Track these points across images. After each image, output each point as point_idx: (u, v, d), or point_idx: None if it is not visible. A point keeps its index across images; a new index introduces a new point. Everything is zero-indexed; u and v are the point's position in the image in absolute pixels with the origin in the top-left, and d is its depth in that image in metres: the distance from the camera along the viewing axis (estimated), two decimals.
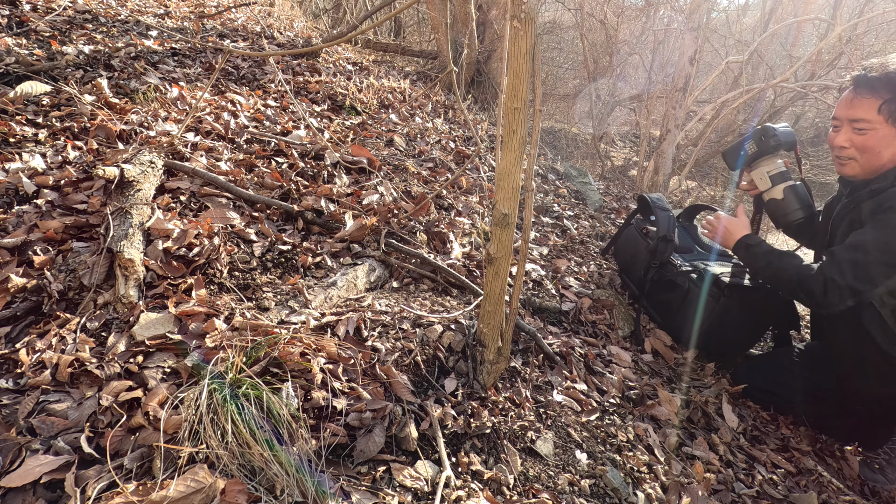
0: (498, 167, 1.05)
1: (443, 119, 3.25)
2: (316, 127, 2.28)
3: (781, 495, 1.32)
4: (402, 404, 1.12)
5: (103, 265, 1.22)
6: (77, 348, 1.05)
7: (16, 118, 1.61)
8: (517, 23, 0.88)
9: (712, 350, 1.84)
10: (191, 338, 1.12)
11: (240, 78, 2.55)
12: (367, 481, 0.96)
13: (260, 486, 0.89)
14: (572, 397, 1.40)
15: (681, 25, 4.82)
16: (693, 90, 4.57)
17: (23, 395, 0.95)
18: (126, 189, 1.40)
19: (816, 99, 5.38)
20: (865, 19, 5.16)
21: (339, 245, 1.65)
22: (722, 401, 1.64)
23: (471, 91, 4.63)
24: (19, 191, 1.37)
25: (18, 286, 1.13)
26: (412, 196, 2.05)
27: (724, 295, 1.68)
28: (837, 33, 3.98)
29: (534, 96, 1.05)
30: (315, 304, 1.35)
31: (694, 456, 1.38)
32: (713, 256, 1.97)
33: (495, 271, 1.15)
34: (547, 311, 1.81)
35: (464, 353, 1.34)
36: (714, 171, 7.50)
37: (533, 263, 2.07)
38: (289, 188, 1.77)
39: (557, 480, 1.12)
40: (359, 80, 3.16)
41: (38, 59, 1.92)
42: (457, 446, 1.11)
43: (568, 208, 2.91)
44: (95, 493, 0.82)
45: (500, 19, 4.50)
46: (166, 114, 1.93)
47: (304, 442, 0.96)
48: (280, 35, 3.41)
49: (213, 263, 1.37)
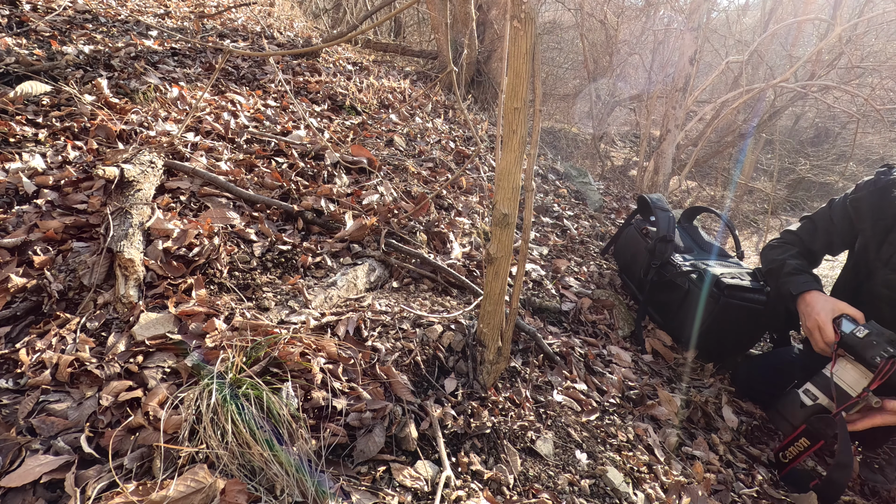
0: (498, 167, 1.05)
1: (443, 119, 3.25)
2: (316, 127, 2.28)
3: (781, 495, 1.32)
4: (402, 404, 1.12)
5: (103, 265, 1.22)
6: (77, 348, 1.05)
7: (16, 118, 1.61)
8: (517, 23, 0.88)
9: (712, 350, 1.84)
10: (191, 338, 1.12)
11: (240, 78, 2.55)
12: (367, 481, 0.96)
13: (260, 486, 0.89)
14: (572, 397, 1.40)
15: (681, 25, 4.82)
16: (693, 90, 4.57)
17: (23, 395, 0.95)
18: (126, 189, 1.40)
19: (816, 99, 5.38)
20: (865, 19, 5.16)
21: (339, 245, 1.65)
22: (722, 401, 1.64)
23: (471, 91, 4.63)
24: (19, 191, 1.37)
25: (18, 286, 1.13)
26: (412, 196, 2.05)
27: (724, 295, 1.68)
28: (837, 33, 3.98)
29: (534, 96, 1.05)
30: (315, 304, 1.35)
31: (694, 456, 1.38)
32: (713, 257, 1.97)
33: (495, 271, 1.15)
34: (547, 311, 1.81)
35: (464, 353, 1.34)
36: (714, 171, 7.51)
37: (533, 263, 2.07)
38: (289, 188, 1.77)
39: (557, 480, 1.12)
40: (359, 80, 3.16)
41: (38, 59, 1.92)
42: (457, 446, 1.11)
43: (568, 208, 2.91)
44: (95, 493, 0.82)
45: (500, 19, 4.50)
46: (166, 114, 1.93)
47: (304, 442, 0.96)
48: (280, 35, 3.41)
49: (213, 263, 1.37)
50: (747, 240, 7.32)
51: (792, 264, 1.53)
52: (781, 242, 1.67)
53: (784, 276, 1.52)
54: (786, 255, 1.58)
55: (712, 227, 5.73)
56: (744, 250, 2.17)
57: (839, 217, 1.55)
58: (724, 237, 4.05)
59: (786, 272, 1.53)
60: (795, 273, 1.50)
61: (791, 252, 1.60)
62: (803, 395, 1.33)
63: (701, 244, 2.07)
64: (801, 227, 1.66)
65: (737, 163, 7.01)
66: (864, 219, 1.45)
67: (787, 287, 1.49)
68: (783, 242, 1.67)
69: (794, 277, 1.49)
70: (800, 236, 1.64)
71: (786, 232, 1.69)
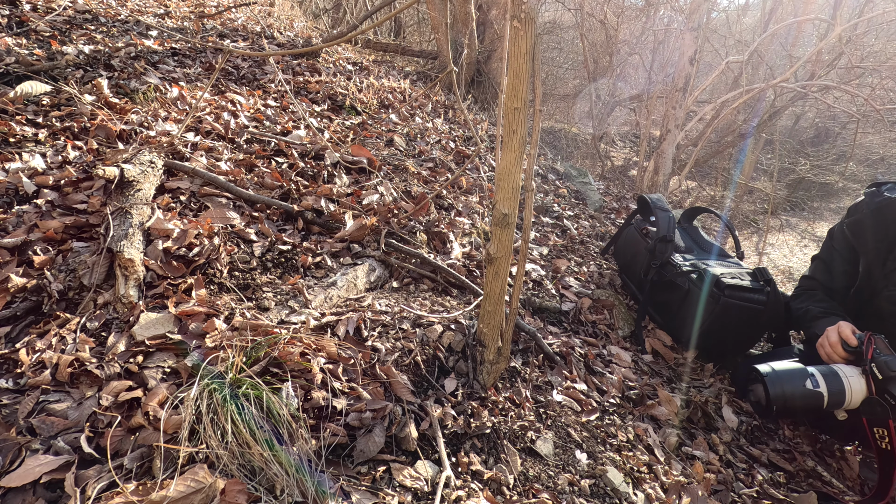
0: (498, 167, 1.05)
1: (443, 119, 3.25)
2: (316, 127, 2.28)
3: (781, 495, 1.32)
4: (402, 404, 1.12)
5: (103, 265, 1.22)
6: (77, 348, 1.05)
7: (16, 118, 1.61)
8: (517, 23, 0.88)
9: (712, 350, 1.84)
10: (191, 338, 1.12)
11: (240, 78, 2.55)
12: (367, 481, 0.96)
13: (260, 486, 0.89)
14: (572, 397, 1.40)
15: (681, 25, 4.82)
16: (693, 90, 4.57)
17: (23, 395, 0.95)
18: (126, 189, 1.40)
19: (816, 99, 5.38)
20: (865, 19, 5.16)
21: (339, 245, 1.65)
22: (722, 401, 1.64)
23: (471, 91, 4.63)
24: (19, 191, 1.37)
25: (18, 286, 1.13)
26: (412, 196, 2.05)
27: (724, 295, 1.68)
28: (837, 33, 3.98)
29: (534, 96, 1.05)
30: (315, 304, 1.35)
31: (694, 456, 1.38)
32: (713, 257, 1.97)
33: (495, 271, 1.15)
34: (547, 311, 1.81)
35: (464, 353, 1.34)
36: (714, 171, 7.51)
37: (533, 263, 2.07)
38: (289, 188, 1.77)
39: (557, 480, 1.12)
40: (359, 80, 3.16)
41: (38, 59, 1.92)
42: (457, 446, 1.11)
43: (568, 208, 2.91)
44: (95, 493, 0.82)
45: (500, 19, 4.50)
46: (166, 114, 1.93)
47: (304, 442, 0.96)
48: (280, 35, 3.41)
49: (213, 263, 1.37)
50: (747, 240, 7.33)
51: (814, 311, 1.54)
52: (802, 290, 1.68)
53: (810, 323, 1.53)
54: (807, 304, 1.60)
55: (712, 227, 5.73)
56: (744, 250, 2.17)
57: (841, 246, 1.56)
58: (724, 237, 4.05)
59: (809, 319, 1.54)
60: (821, 317, 1.51)
61: (815, 297, 1.61)
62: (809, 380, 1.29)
63: (701, 244, 2.07)
64: (814, 269, 1.67)
65: (737, 163, 7.01)
66: (865, 241, 1.46)
67: (813, 332, 1.49)
68: (804, 290, 1.68)
69: (820, 321, 1.50)
70: (816, 279, 1.65)
71: (803, 279, 1.70)
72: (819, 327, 1.45)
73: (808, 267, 1.70)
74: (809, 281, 1.68)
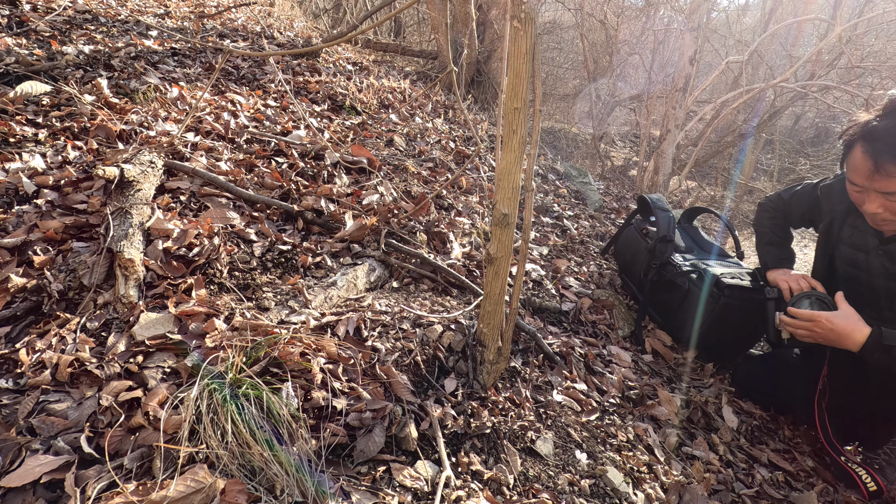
0: (498, 167, 1.05)
1: (443, 119, 3.25)
2: (316, 127, 2.28)
3: (781, 495, 1.32)
4: (402, 404, 1.12)
5: (103, 265, 1.22)
6: (77, 348, 1.05)
7: (16, 118, 1.61)
8: (517, 23, 0.88)
9: (712, 350, 1.84)
10: (191, 338, 1.12)
11: (240, 78, 2.55)
12: (367, 481, 0.96)
13: (260, 486, 0.89)
14: (572, 397, 1.40)
15: (681, 25, 4.82)
16: (693, 90, 4.57)
17: (23, 395, 0.95)
18: (126, 189, 1.40)
19: (816, 99, 5.38)
20: (865, 19, 5.16)
21: (339, 245, 1.65)
22: (722, 401, 1.64)
23: (471, 91, 4.63)
24: (19, 191, 1.37)
25: (18, 286, 1.13)
26: (412, 196, 2.05)
27: (724, 295, 1.68)
28: (837, 33, 3.98)
29: (534, 96, 1.05)
30: (315, 304, 1.35)
31: (694, 456, 1.38)
32: (713, 257, 1.97)
33: (495, 271, 1.15)
34: (547, 311, 1.81)
35: (464, 353, 1.34)
36: (714, 171, 7.50)
37: (533, 263, 2.07)
38: (289, 188, 1.77)
39: (557, 480, 1.12)
40: (359, 80, 3.16)
41: (38, 59, 1.92)
42: (457, 446, 1.11)
43: (568, 208, 2.91)
44: (95, 493, 0.82)
45: (500, 19, 4.50)
46: (166, 114, 1.93)
47: (304, 442, 0.96)
48: (280, 35, 3.41)
49: (213, 263, 1.37)
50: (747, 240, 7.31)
51: (771, 240, 1.71)
52: (765, 210, 1.78)
53: (765, 249, 1.71)
54: (768, 226, 1.74)
55: (712, 227, 5.73)
56: (744, 250, 2.17)
57: (808, 199, 1.63)
58: (724, 237, 4.04)
59: (765, 244, 1.72)
60: (774, 259, 1.67)
61: (776, 222, 1.74)
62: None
63: (701, 244, 2.07)
64: (778, 199, 1.74)
65: (737, 163, 7.00)
66: (831, 202, 1.53)
67: (763, 258, 1.71)
68: (766, 210, 1.78)
69: (769, 249, 1.69)
70: (779, 210, 1.74)
71: (770, 199, 1.78)
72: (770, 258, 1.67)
73: (775, 192, 1.78)
74: (775, 202, 1.74)
